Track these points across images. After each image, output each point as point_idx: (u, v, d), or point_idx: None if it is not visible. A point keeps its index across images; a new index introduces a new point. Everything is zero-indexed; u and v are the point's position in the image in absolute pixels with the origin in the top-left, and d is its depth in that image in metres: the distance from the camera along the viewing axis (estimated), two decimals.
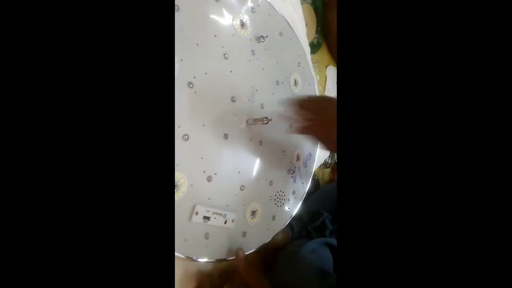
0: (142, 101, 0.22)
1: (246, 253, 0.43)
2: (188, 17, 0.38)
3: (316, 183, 0.66)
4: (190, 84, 0.38)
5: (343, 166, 0.24)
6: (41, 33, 0.20)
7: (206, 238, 0.38)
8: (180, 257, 0.35)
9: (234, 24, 0.44)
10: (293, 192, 0.51)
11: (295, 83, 0.53)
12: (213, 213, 0.38)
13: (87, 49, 0.21)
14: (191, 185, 0.37)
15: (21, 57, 0.19)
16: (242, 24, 0.45)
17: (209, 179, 0.39)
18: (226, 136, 0.42)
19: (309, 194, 0.57)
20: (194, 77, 0.38)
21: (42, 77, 0.20)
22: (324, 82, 0.71)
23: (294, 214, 0.51)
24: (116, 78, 0.21)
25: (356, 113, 0.23)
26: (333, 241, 0.49)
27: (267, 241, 0.47)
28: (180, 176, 0.36)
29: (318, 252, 0.48)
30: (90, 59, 0.21)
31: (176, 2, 0.37)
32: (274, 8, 0.51)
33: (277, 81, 0.50)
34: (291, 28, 0.54)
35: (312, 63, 0.60)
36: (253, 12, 0.47)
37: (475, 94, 0.20)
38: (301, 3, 0.60)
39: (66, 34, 0.20)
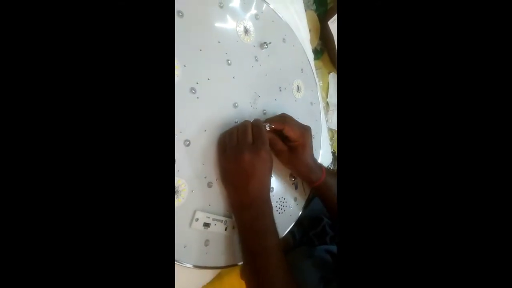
0: (142, 106, 0.22)
1: None
2: (191, 23, 0.38)
3: None
4: (192, 90, 0.38)
5: (343, 169, 0.24)
6: (41, 36, 0.20)
7: (206, 245, 0.38)
8: (179, 264, 0.35)
9: (237, 30, 0.44)
10: (295, 199, 0.50)
11: (298, 89, 0.53)
12: (214, 219, 0.38)
13: (88, 53, 0.21)
14: (192, 191, 0.37)
15: (24, 68, 0.19)
16: (246, 31, 0.45)
17: (209, 185, 0.39)
18: None
19: (311, 200, 0.56)
20: (197, 83, 0.38)
21: (43, 80, 0.20)
22: (327, 88, 0.71)
23: (295, 221, 0.50)
24: (116, 83, 0.21)
25: (356, 117, 0.23)
26: (334, 248, 0.49)
27: None
28: (180, 182, 0.36)
29: (320, 259, 0.47)
30: (90, 63, 0.21)
31: (180, 8, 0.37)
32: (278, 15, 0.51)
33: (280, 87, 0.50)
34: (295, 34, 0.54)
35: (316, 69, 0.60)
36: (256, 18, 0.47)
37: (473, 97, 0.20)
38: (305, 10, 0.60)
39: (66, 39, 0.20)
